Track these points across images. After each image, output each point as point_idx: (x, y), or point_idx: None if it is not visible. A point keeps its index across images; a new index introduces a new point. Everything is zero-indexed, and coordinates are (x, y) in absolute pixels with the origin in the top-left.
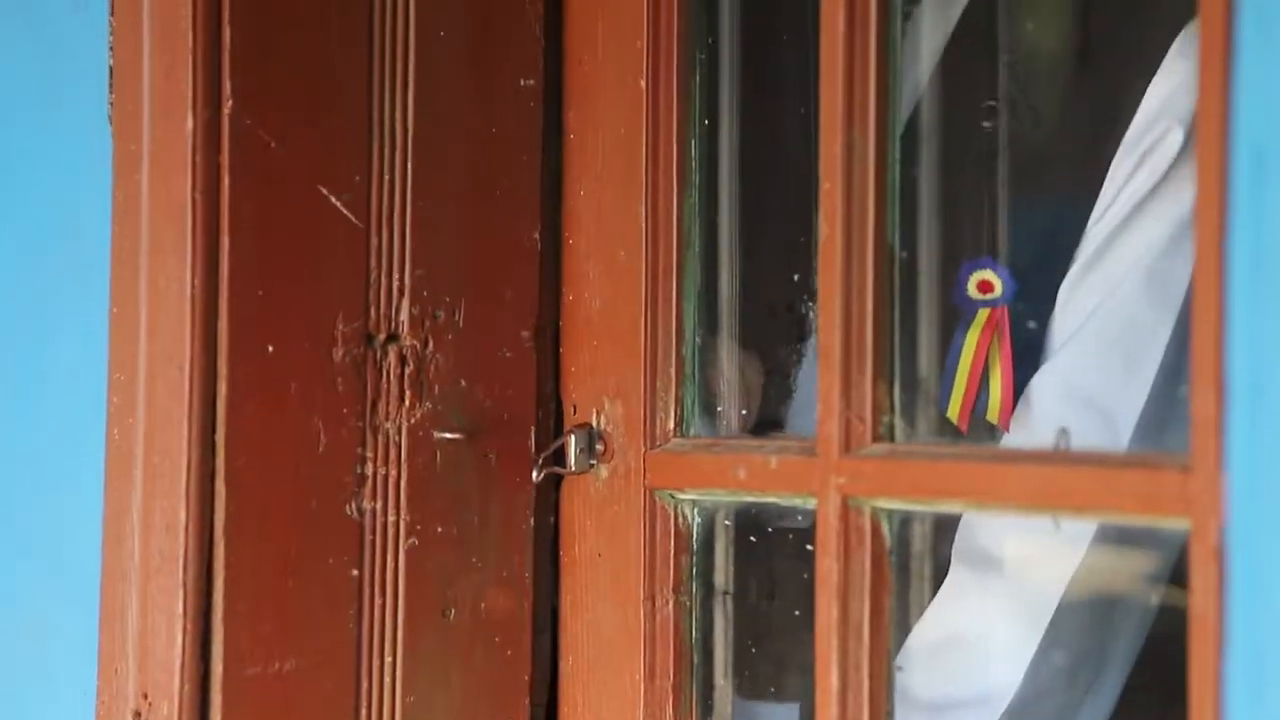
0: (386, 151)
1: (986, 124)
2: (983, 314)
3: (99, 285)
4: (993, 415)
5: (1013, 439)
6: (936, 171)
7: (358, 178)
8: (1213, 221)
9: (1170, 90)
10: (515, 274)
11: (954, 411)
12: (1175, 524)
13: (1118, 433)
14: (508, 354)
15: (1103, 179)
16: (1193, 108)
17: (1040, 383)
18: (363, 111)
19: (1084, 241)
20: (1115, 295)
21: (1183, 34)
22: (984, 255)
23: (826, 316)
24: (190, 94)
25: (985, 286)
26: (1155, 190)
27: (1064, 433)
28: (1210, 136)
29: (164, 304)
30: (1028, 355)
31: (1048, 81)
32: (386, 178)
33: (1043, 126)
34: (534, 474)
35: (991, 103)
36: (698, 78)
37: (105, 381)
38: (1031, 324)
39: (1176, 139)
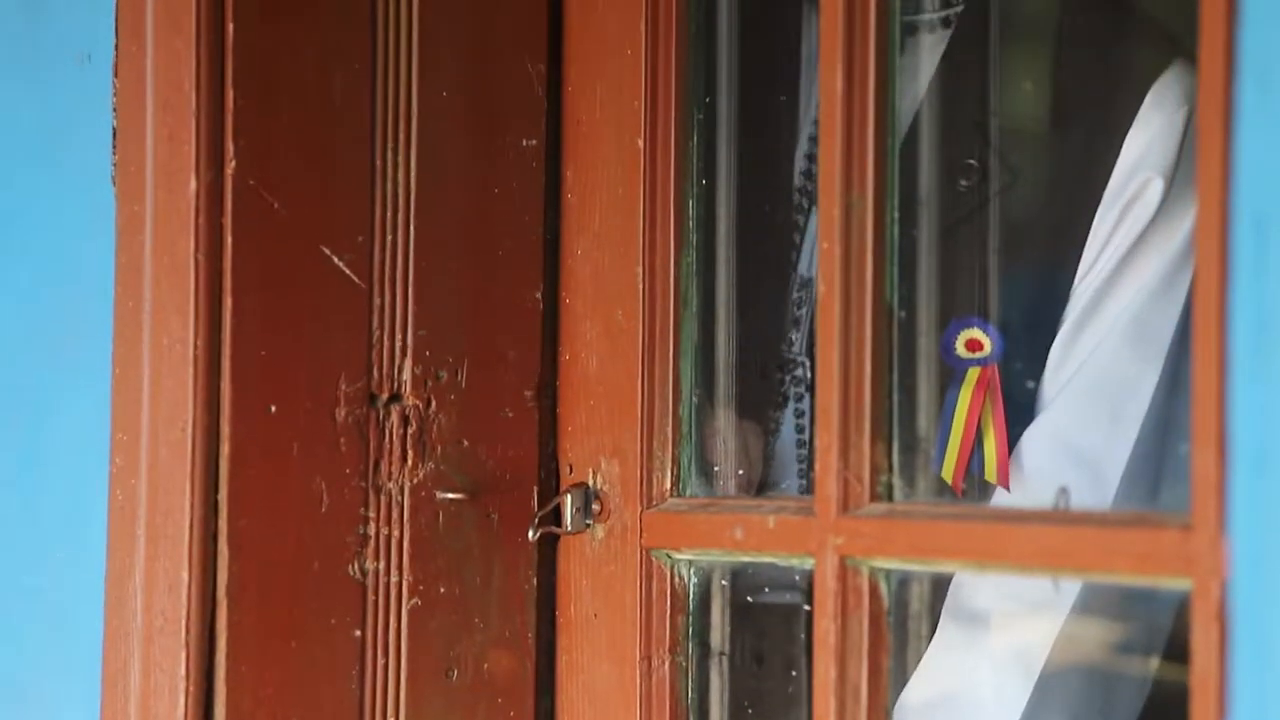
0: (389, 211)
1: (964, 183)
2: (973, 373)
3: (102, 346)
4: (990, 474)
5: (1006, 496)
6: (921, 231)
7: (360, 238)
8: (1214, 284)
9: (1147, 141)
10: (517, 334)
11: (948, 472)
12: (1176, 584)
13: (1106, 485)
14: (510, 414)
15: (1086, 234)
16: (1170, 157)
17: (1030, 438)
18: (365, 172)
19: (1072, 299)
20: (1101, 349)
21: (1157, 85)
22: (971, 314)
23: (824, 376)
24: (194, 155)
25: (974, 345)
26: (1138, 242)
27: (1064, 492)
28: (1211, 201)
29: (167, 365)
30: (1022, 414)
31: (1024, 140)
32: (389, 238)
33: (1022, 185)
34: (530, 533)
35: (970, 162)
36: (695, 138)
37: (108, 442)
38: (1025, 382)
39: (1157, 189)
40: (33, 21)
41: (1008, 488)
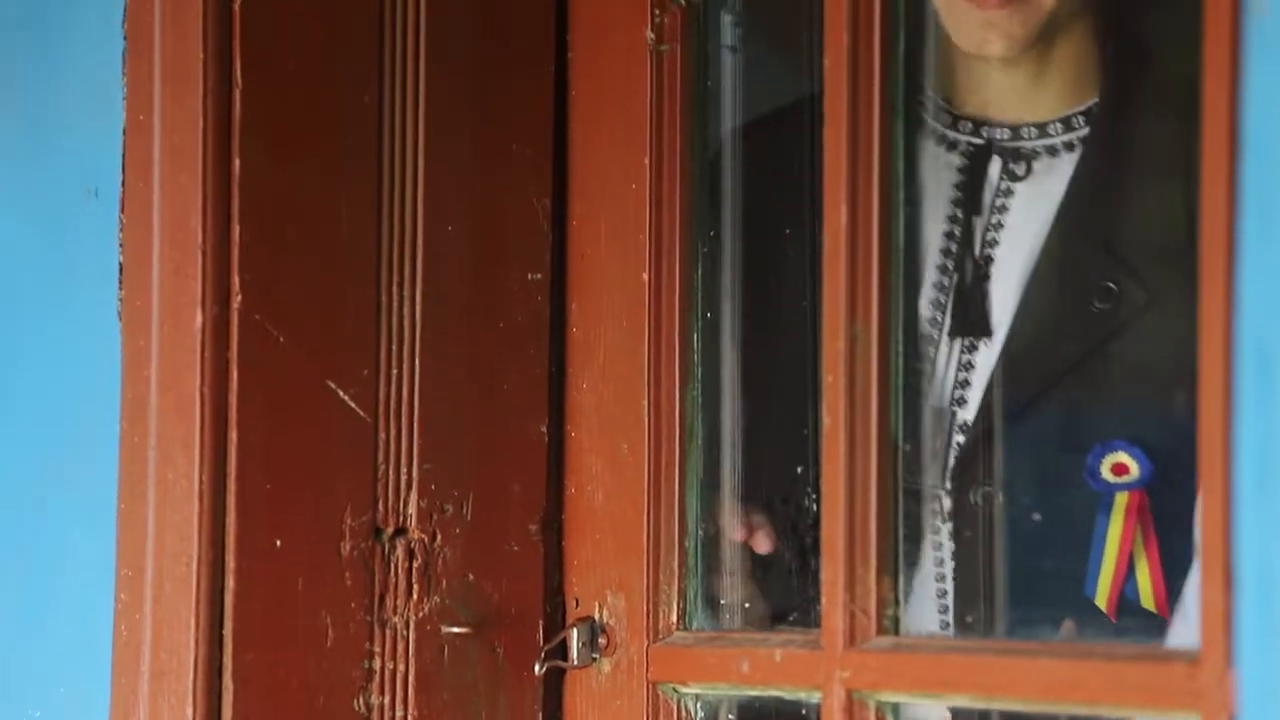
0: (394, 345)
1: (1100, 305)
2: (1122, 498)
3: (108, 481)
4: (1147, 602)
5: (1175, 637)
6: (1056, 354)
7: (365, 372)
8: (1218, 416)
9: None
10: (522, 467)
11: (1102, 599)
12: (1185, 719)
13: None
14: (515, 547)
15: None
16: None
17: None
18: (371, 306)
19: None
20: None
21: None
22: (1114, 438)
23: (829, 508)
24: (199, 290)
25: (1120, 469)
26: None
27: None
28: (1213, 332)
29: (172, 500)
30: (1175, 536)
31: (1161, 259)
32: (394, 371)
33: (1157, 305)
34: (536, 668)
35: (1107, 285)
36: (700, 270)
37: (113, 577)
38: (1176, 507)
39: None
40: (41, 156)
41: (1166, 615)
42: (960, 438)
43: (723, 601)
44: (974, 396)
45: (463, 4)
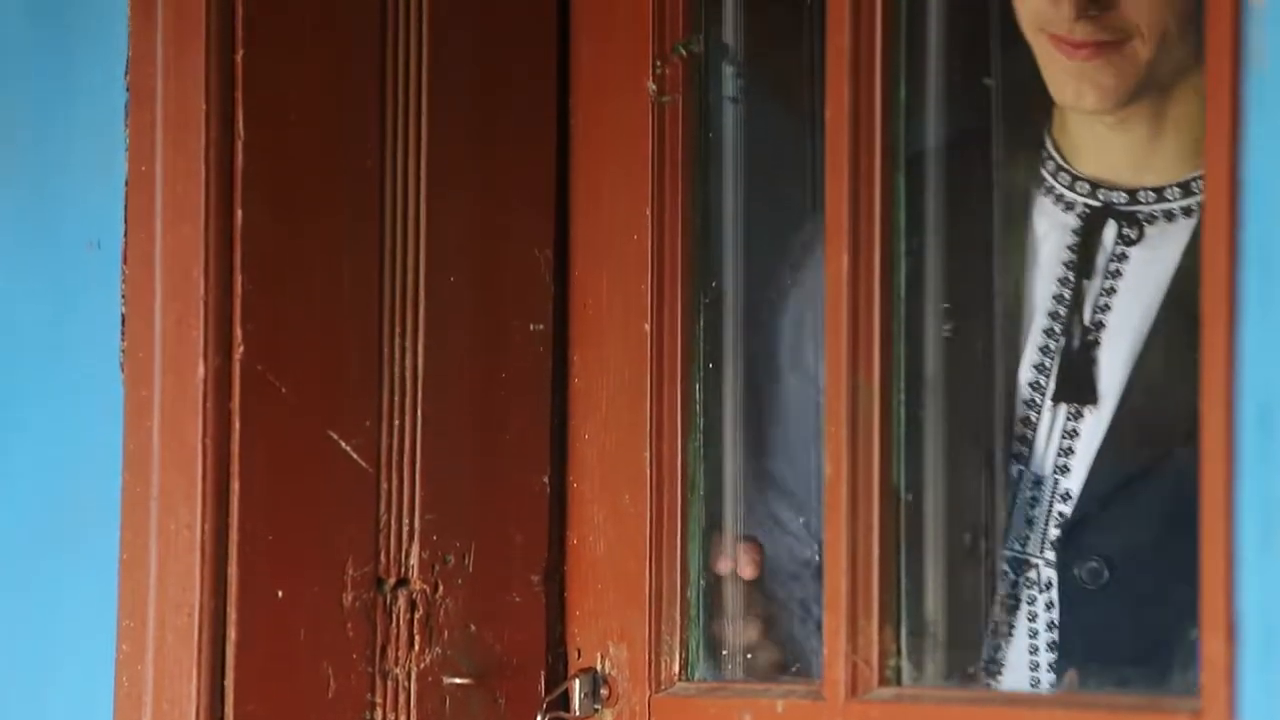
0: (396, 396)
1: None
2: None
3: (110, 530)
4: None
5: None
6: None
7: (368, 422)
8: (1219, 472)
9: None
10: (524, 518)
11: None
12: None
13: None
14: (517, 598)
15: None
16: None
17: None
18: (373, 356)
19: None
20: None
21: None
22: None
23: (832, 559)
24: (201, 341)
25: None
26: None
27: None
28: (1215, 390)
29: (174, 550)
30: None
31: None
32: (396, 422)
33: None
34: (538, 718)
35: None
36: (701, 321)
37: (114, 628)
38: None
39: None
40: (43, 207)
41: None
42: (1063, 507)
43: (725, 652)
44: (1079, 465)
45: (465, 56)
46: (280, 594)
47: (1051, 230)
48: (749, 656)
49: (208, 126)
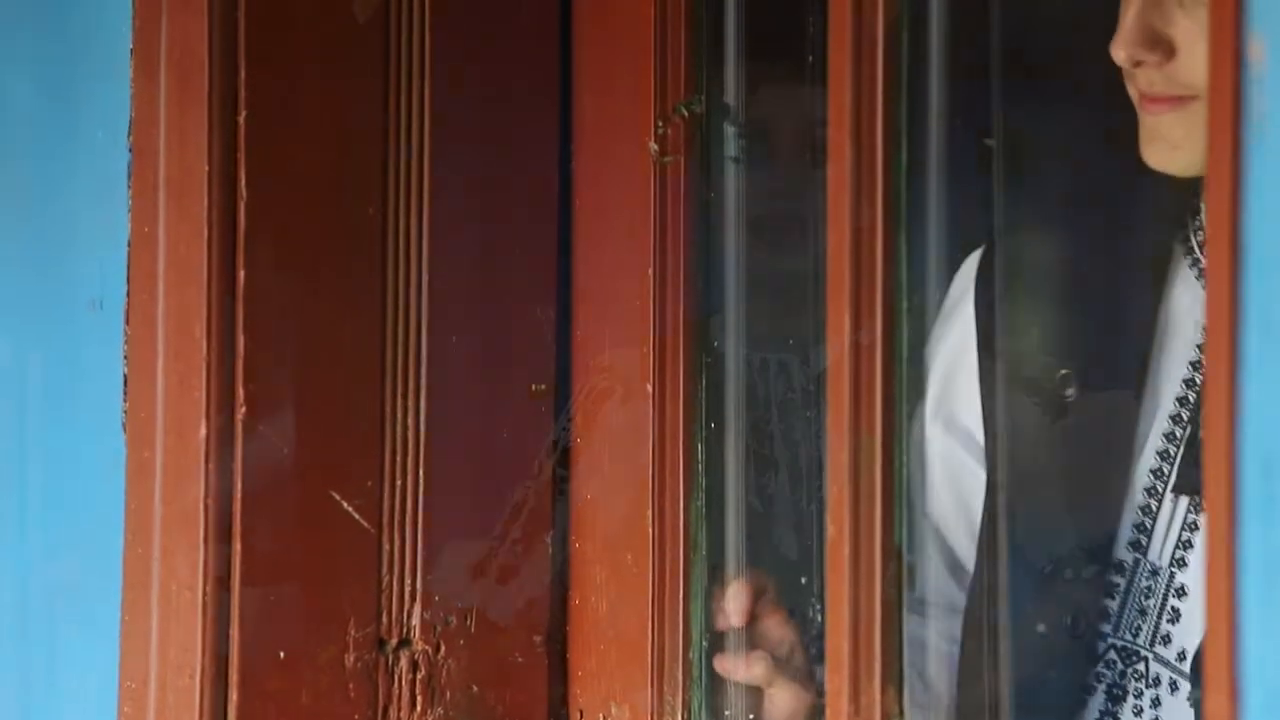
0: (398, 456)
1: None
2: None
3: (111, 592)
4: None
5: None
6: None
7: (370, 483)
8: (1224, 528)
9: None
10: (527, 579)
11: None
12: None
13: None
14: (519, 659)
15: None
16: None
17: None
18: (375, 416)
19: None
20: None
21: None
22: None
23: (834, 619)
24: (204, 401)
25: None
26: None
27: None
28: (1218, 445)
29: (175, 611)
30: None
31: None
32: (399, 482)
33: None
34: None
35: None
36: (704, 380)
37: (116, 690)
38: None
39: None
40: (45, 267)
41: None
42: (1176, 601)
43: (728, 712)
44: (1196, 560)
45: (467, 115)
46: (282, 655)
47: (1195, 304)
48: (751, 718)
49: (210, 187)
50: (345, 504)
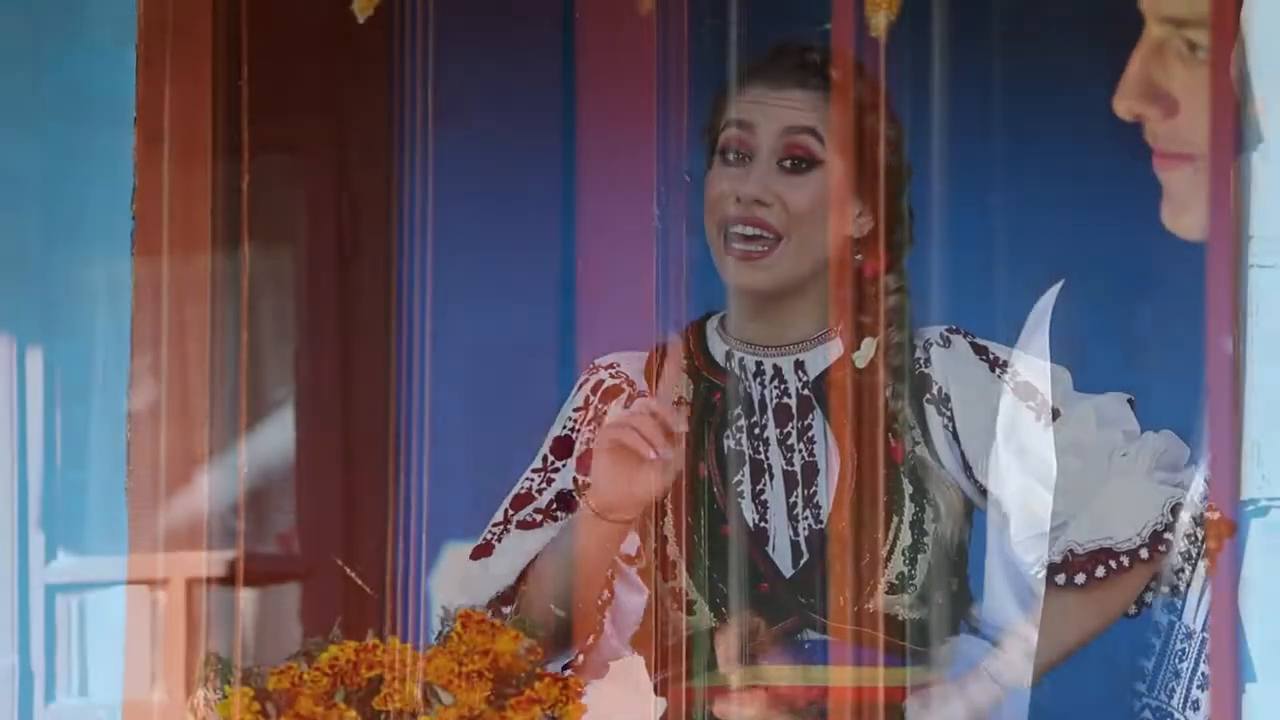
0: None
1: None
2: None
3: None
4: None
5: None
6: None
7: None
8: (1226, 593)
9: None
10: None
11: None
12: None
13: None
14: None
15: None
16: None
17: None
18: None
19: None
20: None
21: None
22: None
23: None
24: None
25: None
26: None
27: None
28: (1223, 500)
29: None
30: None
31: None
32: None
33: None
34: None
35: None
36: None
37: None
38: None
39: None
40: (53, 338)
41: None
42: (1208, 668)
43: None
44: None
45: (470, 177)
46: None
47: None
48: None
49: (214, 247)
50: None
